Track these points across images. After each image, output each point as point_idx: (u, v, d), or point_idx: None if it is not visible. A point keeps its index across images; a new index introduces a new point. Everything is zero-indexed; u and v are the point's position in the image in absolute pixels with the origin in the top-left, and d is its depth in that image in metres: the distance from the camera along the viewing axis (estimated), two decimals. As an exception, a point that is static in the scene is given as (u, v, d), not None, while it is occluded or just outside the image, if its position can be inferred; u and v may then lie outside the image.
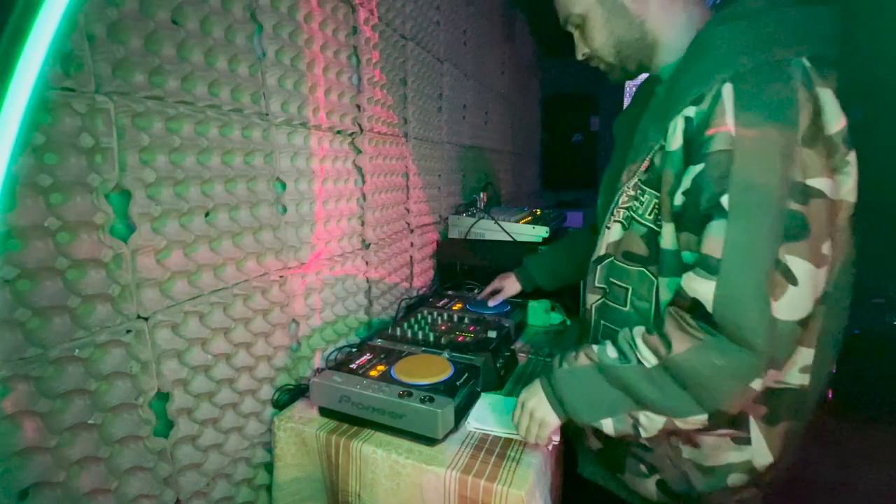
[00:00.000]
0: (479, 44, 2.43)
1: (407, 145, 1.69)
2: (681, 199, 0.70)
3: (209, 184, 0.89)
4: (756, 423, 0.75)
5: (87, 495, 0.71)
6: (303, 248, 1.17)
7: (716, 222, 0.64)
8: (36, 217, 0.63)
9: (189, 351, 0.87)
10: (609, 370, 0.74)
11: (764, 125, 0.62)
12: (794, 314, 0.63)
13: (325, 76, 1.19)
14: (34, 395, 0.64)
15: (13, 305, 0.62)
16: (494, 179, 2.71)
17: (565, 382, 0.79)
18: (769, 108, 0.62)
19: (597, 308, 0.89)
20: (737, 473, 0.77)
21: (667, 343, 0.69)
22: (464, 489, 0.85)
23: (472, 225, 1.87)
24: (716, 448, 0.77)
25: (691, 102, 0.68)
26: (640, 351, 0.72)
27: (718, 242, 0.64)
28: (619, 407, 0.74)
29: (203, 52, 0.86)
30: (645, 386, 0.71)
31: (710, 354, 0.66)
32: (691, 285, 0.67)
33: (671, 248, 0.73)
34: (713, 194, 0.64)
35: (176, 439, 0.86)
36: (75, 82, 0.66)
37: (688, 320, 0.68)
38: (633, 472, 0.85)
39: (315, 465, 1.02)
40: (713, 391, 0.67)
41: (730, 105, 0.64)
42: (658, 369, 0.70)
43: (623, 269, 0.82)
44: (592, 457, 0.94)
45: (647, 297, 0.79)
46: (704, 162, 0.65)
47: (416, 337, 1.25)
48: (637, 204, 0.79)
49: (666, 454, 0.81)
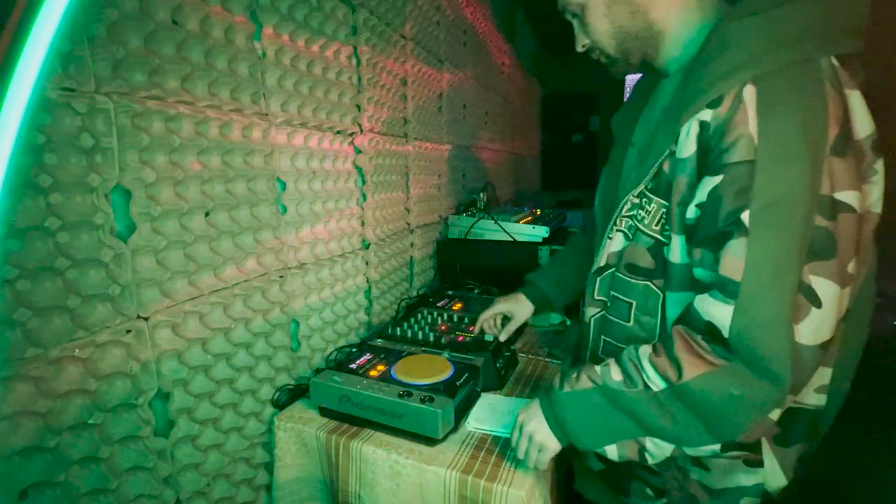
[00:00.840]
0: (479, 44, 2.43)
1: (407, 145, 1.69)
2: (694, 211, 0.64)
3: (209, 184, 0.89)
4: (768, 444, 0.70)
5: (87, 495, 0.71)
6: (303, 248, 1.17)
7: (735, 241, 0.58)
8: (36, 217, 0.63)
9: (189, 351, 0.87)
10: (613, 394, 0.68)
11: (791, 133, 0.56)
12: (817, 338, 0.58)
13: (325, 76, 1.19)
14: (34, 395, 0.64)
15: (13, 305, 0.62)
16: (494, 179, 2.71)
17: (567, 406, 0.73)
18: (797, 113, 0.56)
19: (596, 321, 0.84)
20: (748, 497, 0.73)
21: (677, 367, 0.63)
22: (464, 489, 0.85)
23: (472, 225, 1.87)
24: (726, 470, 0.73)
25: (708, 105, 0.61)
26: (647, 374, 0.66)
27: (739, 264, 0.58)
28: (625, 433, 0.69)
29: (203, 52, 0.86)
30: (653, 413, 0.65)
31: (726, 382, 0.60)
32: (707, 308, 0.61)
33: (680, 262, 0.68)
34: (733, 210, 0.58)
35: (176, 439, 0.86)
36: (75, 82, 0.66)
37: (700, 343, 0.62)
38: (639, 495, 0.81)
39: (315, 465, 1.02)
40: (728, 421, 0.62)
41: (752, 110, 0.57)
42: (667, 395, 0.64)
43: (627, 283, 0.76)
44: (592, 476, 0.90)
45: (653, 312, 0.73)
46: (723, 174, 0.59)
47: (416, 337, 1.25)
48: (643, 213, 0.73)
49: (673, 476, 0.76)
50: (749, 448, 0.70)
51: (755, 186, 0.57)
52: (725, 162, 0.59)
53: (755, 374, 0.59)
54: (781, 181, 0.56)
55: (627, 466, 0.78)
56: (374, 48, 1.39)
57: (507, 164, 3.20)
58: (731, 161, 0.58)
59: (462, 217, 1.93)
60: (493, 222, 1.83)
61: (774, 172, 0.56)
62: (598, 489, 0.91)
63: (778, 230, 0.56)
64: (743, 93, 0.58)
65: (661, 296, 0.72)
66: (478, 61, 2.42)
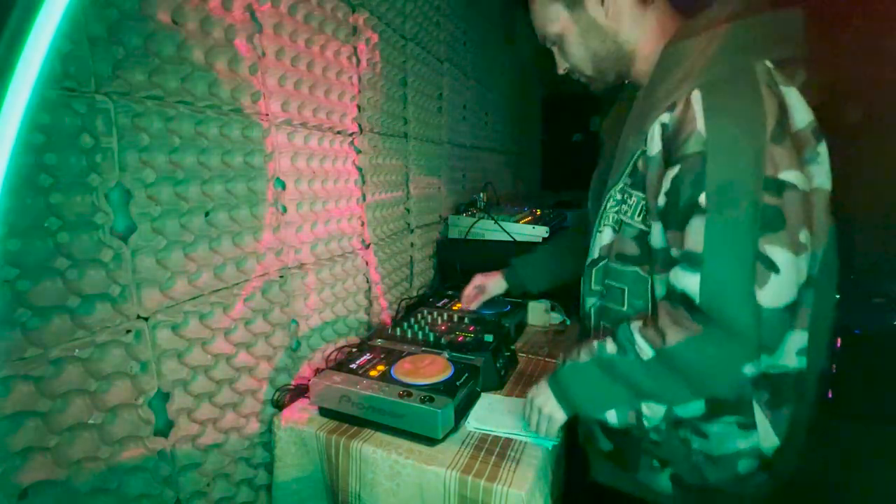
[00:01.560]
0: (479, 44, 2.43)
1: (407, 145, 1.69)
2: (663, 199, 0.73)
3: (209, 184, 0.89)
4: (759, 408, 0.78)
5: (87, 495, 0.71)
6: (303, 248, 1.17)
7: (696, 219, 0.68)
8: (36, 217, 0.63)
9: (189, 351, 0.87)
10: (609, 364, 0.78)
11: (732, 126, 0.66)
12: (779, 300, 0.66)
13: (325, 76, 1.19)
14: (34, 395, 0.64)
15: (13, 305, 0.62)
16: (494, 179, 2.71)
17: (569, 378, 0.84)
18: (736, 110, 0.66)
19: (595, 310, 0.92)
20: (746, 459, 0.80)
21: (662, 335, 0.72)
22: (464, 489, 0.85)
23: (472, 225, 1.87)
24: (724, 436, 0.80)
25: (666, 109, 0.72)
26: (637, 344, 0.75)
27: (699, 238, 0.67)
28: (621, 398, 0.79)
29: (203, 52, 0.86)
30: (643, 377, 0.75)
31: (702, 344, 0.69)
32: (679, 280, 0.71)
33: (661, 247, 0.77)
34: (691, 194, 0.68)
35: (176, 439, 0.86)
36: (75, 82, 0.66)
37: (682, 313, 0.71)
38: (647, 467, 0.87)
39: (315, 465, 1.02)
40: (707, 379, 0.73)
41: (699, 109, 0.67)
42: (654, 360, 0.74)
43: (618, 271, 0.85)
44: (603, 460, 0.95)
45: (642, 295, 0.82)
46: (680, 164, 0.69)
47: (416, 337, 1.25)
48: (626, 207, 0.82)
49: (676, 447, 0.83)
50: (742, 413, 0.78)
51: (707, 173, 0.66)
52: (681, 154, 0.69)
53: (726, 334, 0.68)
54: (728, 167, 0.66)
55: (634, 442, 0.86)
56: (374, 48, 1.39)
57: (507, 164, 3.20)
58: (685, 153, 0.68)
59: (462, 217, 1.93)
60: (493, 222, 1.83)
61: (721, 160, 0.66)
62: (612, 471, 0.96)
63: (729, 208, 0.66)
64: (691, 98, 0.68)
65: (649, 279, 0.81)
66: (478, 61, 2.42)
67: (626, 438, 0.85)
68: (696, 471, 0.82)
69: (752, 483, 0.82)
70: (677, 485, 0.85)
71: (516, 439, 0.95)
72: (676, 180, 0.70)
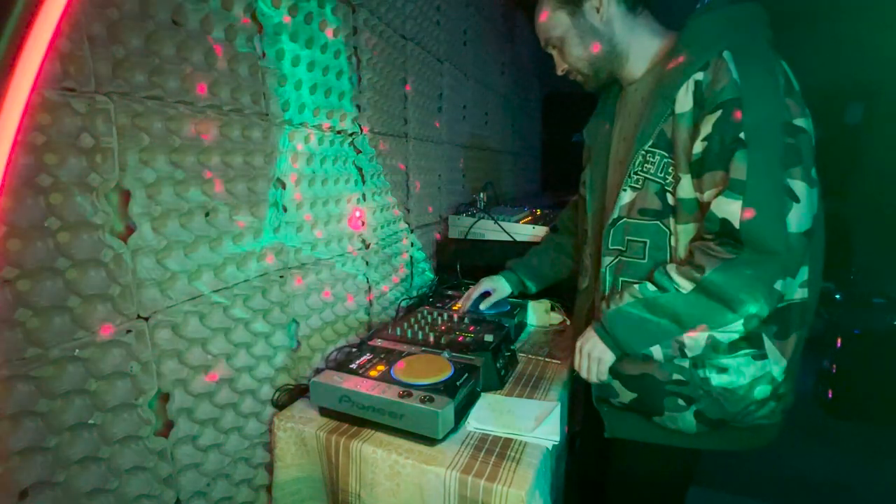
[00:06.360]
0: (479, 44, 2.43)
1: (407, 145, 1.69)
2: (700, 146, 0.83)
3: (209, 184, 0.89)
4: (769, 339, 0.89)
5: (87, 495, 0.71)
6: (303, 248, 1.17)
7: (739, 152, 0.78)
8: (36, 217, 0.63)
9: (189, 351, 0.87)
10: (652, 302, 0.87)
11: (760, 77, 0.80)
12: (801, 226, 0.78)
13: (324, 76, 1.19)
14: (34, 395, 0.64)
15: (13, 305, 0.62)
16: (494, 179, 2.71)
17: (615, 320, 0.92)
18: (761, 66, 0.81)
19: (611, 268, 0.99)
20: (760, 386, 0.89)
21: (699, 268, 0.83)
22: (464, 489, 0.85)
23: (472, 225, 1.87)
24: (739, 368, 0.89)
25: (700, 69, 0.83)
26: (676, 281, 0.85)
27: (742, 167, 0.78)
28: (665, 332, 0.87)
29: (203, 52, 0.86)
30: (685, 308, 0.84)
31: (739, 267, 0.80)
32: (722, 207, 0.80)
33: (688, 197, 0.87)
34: (733, 132, 0.79)
35: (176, 439, 0.86)
36: (75, 82, 0.66)
37: (713, 248, 0.82)
38: (672, 408, 0.94)
39: (315, 465, 1.02)
40: (746, 296, 0.80)
41: (733, 65, 0.80)
42: (695, 291, 0.83)
43: (640, 225, 0.94)
44: (622, 415, 1.03)
45: (663, 247, 0.92)
46: (721, 109, 0.80)
47: (416, 337, 1.25)
48: (649, 165, 0.91)
49: (699, 385, 0.91)
50: (755, 346, 0.89)
51: (745, 113, 0.78)
52: (720, 101, 0.80)
53: (760, 254, 0.79)
54: (762, 108, 0.79)
55: (657, 385, 0.94)
56: (374, 48, 1.39)
57: (507, 164, 3.20)
58: (723, 99, 0.80)
59: (462, 217, 1.93)
60: (493, 222, 1.83)
61: (757, 103, 0.78)
62: (631, 424, 1.03)
63: (764, 143, 0.78)
64: (723, 56, 0.81)
65: (668, 232, 0.91)
66: (478, 61, 2.42)
67: (650, 385, 0.94)
68: (717, 404, 0.91)
69: (764, 411, 0.91)
70: (701, 421, 0.92)
71: (516, 439, 0.95)
72: (718, 123, 0.80)
